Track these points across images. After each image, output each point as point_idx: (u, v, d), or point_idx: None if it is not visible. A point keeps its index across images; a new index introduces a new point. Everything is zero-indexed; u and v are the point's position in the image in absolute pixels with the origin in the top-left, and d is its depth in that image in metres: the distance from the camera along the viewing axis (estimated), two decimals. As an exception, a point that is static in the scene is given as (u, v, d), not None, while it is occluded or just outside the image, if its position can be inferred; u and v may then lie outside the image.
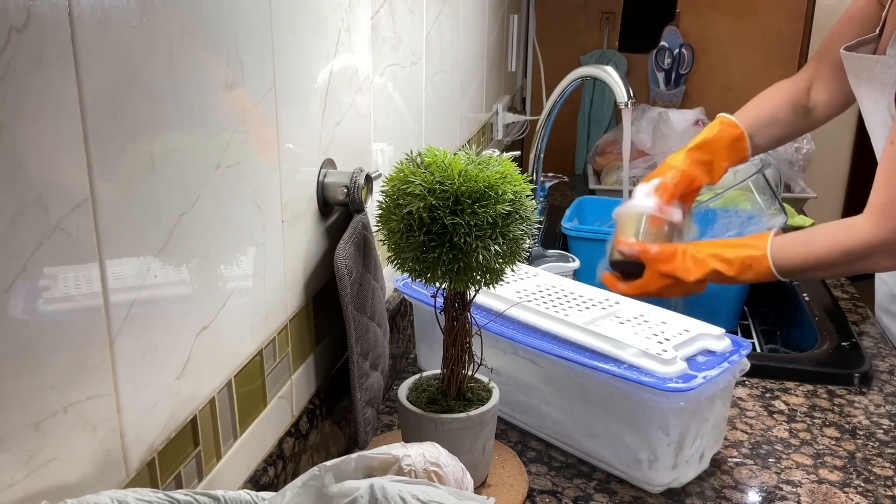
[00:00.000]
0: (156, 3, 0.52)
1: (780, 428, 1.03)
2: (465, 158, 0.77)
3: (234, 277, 0.67)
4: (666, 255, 1.18)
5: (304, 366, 0.84)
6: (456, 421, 0.81)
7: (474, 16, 1.60)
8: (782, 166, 2.04)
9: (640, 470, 0.88)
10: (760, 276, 1.13)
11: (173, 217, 0.57)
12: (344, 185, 0.83)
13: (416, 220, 0.73)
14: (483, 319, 0.91)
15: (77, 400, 0.48)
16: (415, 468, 0.59)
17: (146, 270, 0.54)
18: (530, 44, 2.49)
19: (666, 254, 1.18)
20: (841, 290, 1.51)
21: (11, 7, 0.41)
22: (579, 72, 1.44)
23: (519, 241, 0.77)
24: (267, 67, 0.69)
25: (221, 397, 0.66)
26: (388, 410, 1.04)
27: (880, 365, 1.20)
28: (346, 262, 0.81)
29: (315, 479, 0.51)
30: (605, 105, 2.57)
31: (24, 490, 0.45)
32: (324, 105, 0.82)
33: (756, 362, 1.12)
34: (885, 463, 0.96)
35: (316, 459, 0.85)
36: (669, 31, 2.54)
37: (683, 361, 0.85)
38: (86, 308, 0.49)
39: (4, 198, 0.41)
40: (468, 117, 1.62)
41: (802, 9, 2.52)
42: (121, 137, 0.50)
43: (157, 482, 0.58)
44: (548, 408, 0.96)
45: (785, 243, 1.13)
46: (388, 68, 1.05)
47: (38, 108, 0.43)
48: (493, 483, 0.88)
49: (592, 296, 1.01)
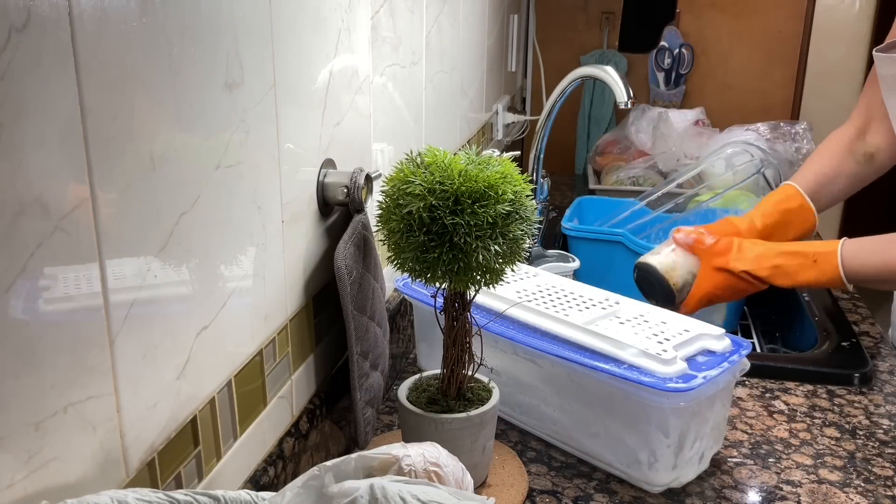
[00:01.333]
0: (156, 3, 0.52)
1: (780, 428, 1.03)
2: (465, 158, 0.77)
3: (234, 277, 0.67)
4: (721, 246, 1.12)
5: (304, 366, 0.84)
6: (456, 421, 0.81)
7: (474, 16, 1.60)
8: (782, 166, 2.04)
9: (640, 470, 0.88)
10: (824, 275, 1.07)
11: (173, 217, 0.57)
12: (344, 185, 0.83)
13: (416, 220, 0.73)
14: (483, 319, 0.91)
15: (77, 400, 0.48)
16: (415, 468, 0.59)
17: (146, 270, 0.54)
18: (530, 44, 2.49)
19: (721, 245, 1.12)
20: (841, 290, 1.51)
21: (11, 7, 0.41)
22: (579, 72, 1.44)
23: (519, 241, 0.77)
24: (267, 67, 0.69)
25: (221, 397, 0.66)
26: (388, 410, 1.04)
27: (880, 365, 1.20)
28: (346, 262, 0.81)
29: (315, 479, 0.51)
30: (605, 105, 2.57)
31: (24, 490, 0.45)
32: (324, 105, 0.82)
33: (756, 362, 1.12)
34: (885, 463, 0.96)
35: (316, 459, 0.85)
36: (669, 31, 2.54)
37: (683, 361, 0.85)
38: (86, 308, 0.49)
39: (4, 198, 0.41)
40: (468, 117, 1.62)
41: (802, 9, 2.52)
42: (121, 137, 0.50)
43: (157, 482, 0.58)
44: (548, 408, 0.96)
45: (859, 247, 1.07)
46: (388, 68, 1.05)
47: (38, 108, 0.43)
48: (493, 483, 0.88)
49: (592, 296, 1.01)
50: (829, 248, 1.07)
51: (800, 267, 1.08)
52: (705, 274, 1.13)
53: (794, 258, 1.09)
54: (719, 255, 1.11)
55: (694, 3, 2.54)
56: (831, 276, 1.07)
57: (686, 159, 2.04)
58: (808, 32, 2.54)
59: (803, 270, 1.08)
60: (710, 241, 1.13)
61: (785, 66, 2.56)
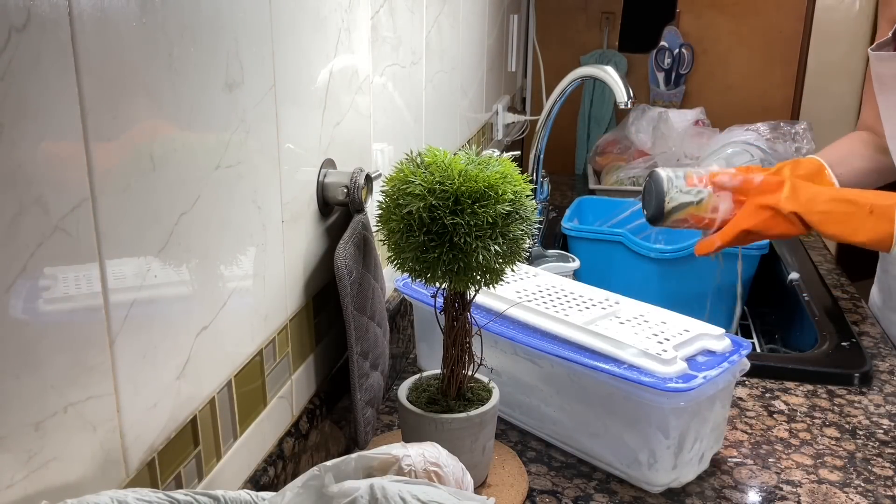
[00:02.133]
0: (156, 3, 0.52)
1: (780, 428, 1.03)
2: (465, 158, 0.77)
3: (234, 277, 0.67)
4: (771, 184, 1.04)
5: (304, 366, 0.84)
6: (456, 421, 0.81)
7: (474, 16, 1.60)
8: (782, 166, 2.04)
9: (640, 470, 0.88)
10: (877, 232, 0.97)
11: (173, 217, 0.57)
12: (344, 185, 0.83)
13: (416, 220, 0.73)
14: (483, 319, 0.91)
15: (77, 400, 0.48)
16: (415, 468, 0.59)
17: (146, 270, 0.54)
18: (530, 44, 2.49)
19: (771, 184, 1.05)
20: (841, 290, 1.51)
21: (11, 7, 0.41)
22: (579, 72, 1.44)
23: (519, 241, 0.77)
24: (267, 67, 0.69)
25: (221, 397, 0.66)
26: (388, 410, 1.04)
27: (880, 365, 1.20)
28: (346, 262, 0.81)
29: (315, 479, 0.51)
30: (605, 105, 2.57)
31: (24, 490, 0.45)
32: (324, 105, 0.82)
33: (756, 362, 1.12)
34: (885, 463, 0.96)
35: (316, 459, 0.85)
36: (669, 31, 2.54)
37: (683, 361, 0.85)
38: (86, 308, 0.49)
39: (4, 198, 0.41)
40: (468, 117, 1.62)
41: (802, 9, 2.52)
42: (121, 137, 0.50)
43: (157, 482, 0.58)
44: (548, 408, 0.96)
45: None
46: (388, 68, 1.05)
47: (38, 108, 0.43)
48: (493, 483, 0.88)
49: (592, 296, 1.01)
50: (889, 201, 0.98)
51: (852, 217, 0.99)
52: (750, 210, 1.05)
53: (848, 206, 1.00)
54: (769, 193, 1.04)
55: (694, 3, 2.54)
56: (883, 234, 0.98)
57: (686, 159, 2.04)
58: (808, 32, 2.54)
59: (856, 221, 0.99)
60: (759, 180, 1.06)
61: (785, 66, 2.56)
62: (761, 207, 1.05)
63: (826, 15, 2.56)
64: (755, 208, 1.06)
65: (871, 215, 0.98)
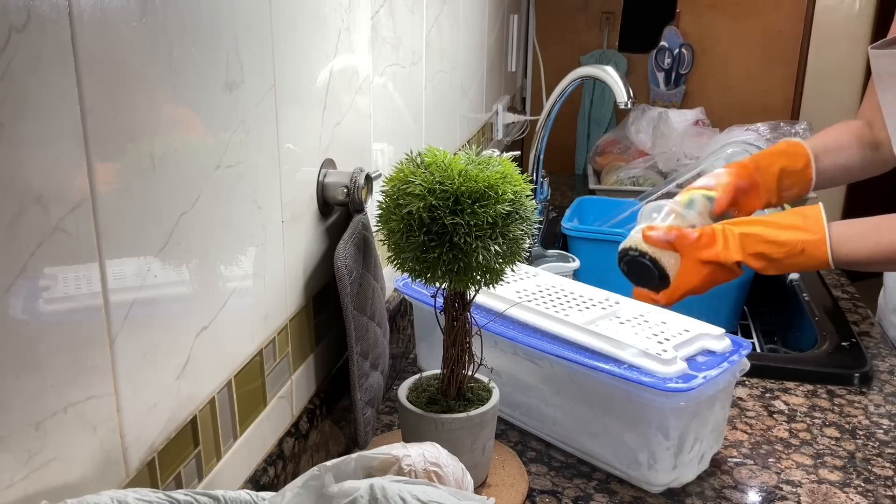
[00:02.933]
0: (156, 3, 0.52)
1: (780, 428, 1.03)
2: (465, 158, 0.77)
3: (234, 277, 0.67)
4: (706, 239, 1.06)
5: (304, 366, 0.84)
6: (456, 421, 0.81)
7: (474, 16, 1.60)
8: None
9: (640, 470, 0.88)
10: (812, 262, 1.04)
11: (173, 217, 0.57)
12: (344, 185, 0.83)
13: (416, 220, 0.73)
14: (483, 319, 0.91)
15: (77, 400, 0.48)
16: (415, 468, 0.59)
17: (146, 270, 0.54)
18: (530, 44, 2.49)
19: (706, 237, 1.06)
20: (841, 290, 1.51)
21: (11, 7, 0.41)
22: (579, 72, 1.44)
23: (519, 241, 0.77)
24: (267, 67, 0.69)
25: (221, 397, 0.66)
26: (388, 410, 1.04)
27: (880, 365, 1.20)
28: (346, 262, 0.81)
29: (315, 479, 0.51)
30: (605, 105, 2.57)
31: (24, 490, 0.45)
32: (324, 105, 0.82)
33: (756, 362, 1.12)
34: (885, 463, 0.96)
35: (316, 459, 0.85)
36: (669, 31, 2.54)
37: (683, 361, 0.85)
38: (86, 308, 0.49)
39: (4, 198, 0.41)
40: (468, 117, 1.62)
41: (802, 9, 2.52)
42: (121, 137, 0.50)
43: (157, 482, 0.58)
44: (548, 408, 0.96)
45: (848, 232, 1.04)
46: (388, 68, 1.05)
47: (38, 108, 0.43)
48: (493, 483, 0.88)
49: (592, 296, 1.01)
50: (817, 236, 1.03)
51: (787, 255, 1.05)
52: (691, 267, 1.07)
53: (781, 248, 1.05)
54: (706, 248, 1.06)
55: (694, 3, 2.54)
56: (819, 263, 1.05)
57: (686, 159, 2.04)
58: (808, 32, 2.54)
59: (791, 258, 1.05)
60: (694, 236, 1.07)
61: (785, 66, 2.56)
62: (703, 263, 1.06)
63: (826, 15, 2.56)
64: (698, 264, 1.07)
65: (803, 254, 1.04)
